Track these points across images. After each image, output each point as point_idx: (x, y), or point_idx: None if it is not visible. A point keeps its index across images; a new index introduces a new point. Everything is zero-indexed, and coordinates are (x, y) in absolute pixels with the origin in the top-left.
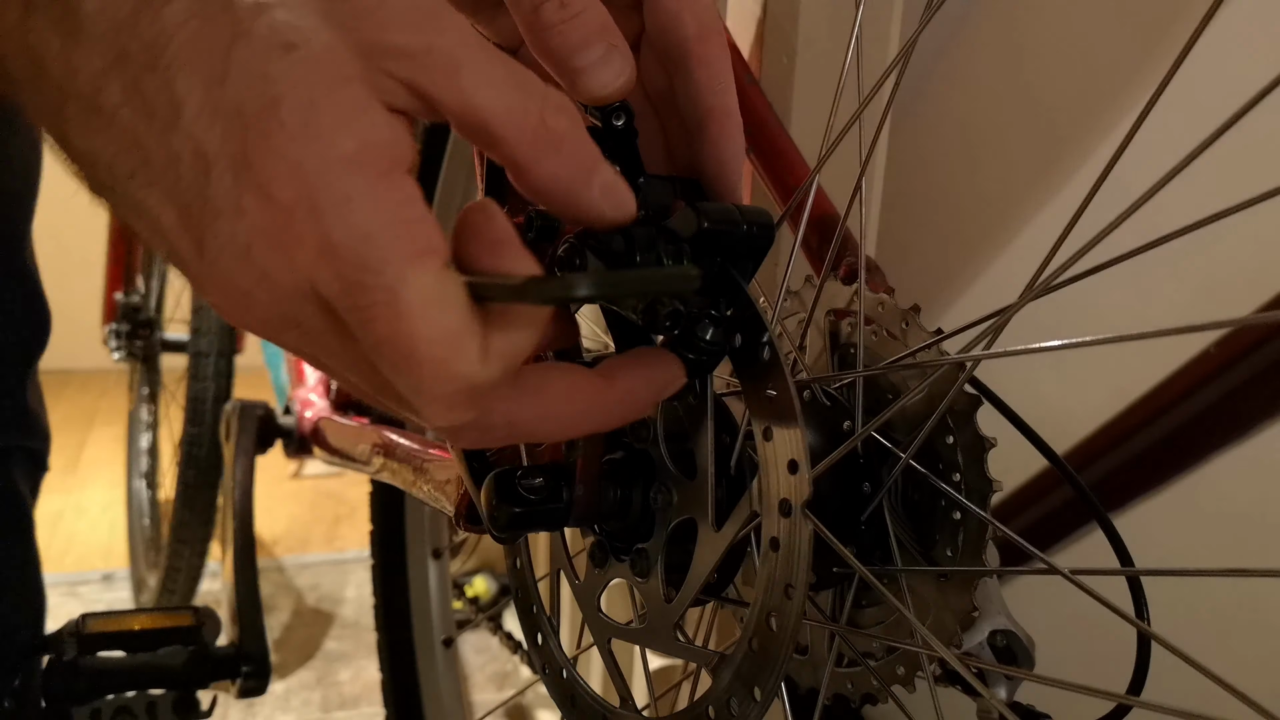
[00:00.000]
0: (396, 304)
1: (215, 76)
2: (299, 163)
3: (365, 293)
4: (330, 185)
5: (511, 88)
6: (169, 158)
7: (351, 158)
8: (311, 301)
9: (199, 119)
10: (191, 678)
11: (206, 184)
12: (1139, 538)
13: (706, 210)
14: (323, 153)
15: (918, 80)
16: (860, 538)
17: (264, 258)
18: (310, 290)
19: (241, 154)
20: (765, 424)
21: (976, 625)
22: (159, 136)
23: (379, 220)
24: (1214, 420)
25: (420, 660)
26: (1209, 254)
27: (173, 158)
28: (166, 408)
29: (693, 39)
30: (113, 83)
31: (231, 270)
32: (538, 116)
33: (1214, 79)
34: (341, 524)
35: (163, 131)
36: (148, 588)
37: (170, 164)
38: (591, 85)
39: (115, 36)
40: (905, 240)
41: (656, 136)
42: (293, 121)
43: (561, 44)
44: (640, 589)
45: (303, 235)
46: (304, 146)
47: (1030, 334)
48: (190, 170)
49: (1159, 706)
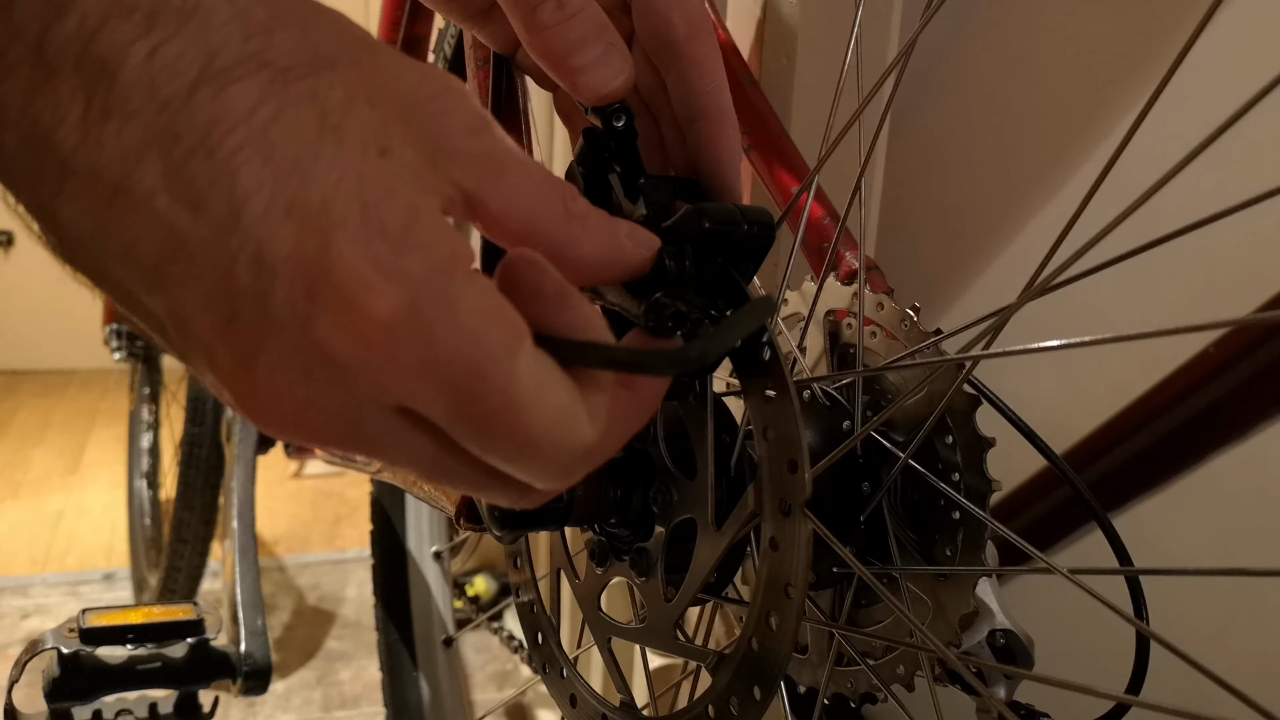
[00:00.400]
0: (512, 402)
1: (296, 172)
2: (401, 272)
3: (479, 400)
4: (437, 295)
5: (539, 180)
6: (219, 258)
7: (450, 261)
8: (391, 414)
9: (267, 218)
10: (193, 676)
11: (267, 293)
12: (1138, 538)
13: (707, 210)
14: (428, 260)
15: (918, 80)
16: (859, 537)
17: (340, 378)
18: (394, 405)
19: (320, 260)
20: (765, 424)
21: (976, 625)
22: (209, 232)
23: (480, 320)
24: (1213, 420)
25: (420, 660)
26: (1209, 254)
27: (224, 258)
28: (167, 408)
29: (683, 40)
30: (150, 164)
31: (288, 389)
32: (561, 202)
33: (1214, 79)
34: (342, 524)
35: (215, 228)
36: (149, 587)
37: (218, 265)
38: (591, 84)
39: (160, 114)
40: (905, 240)
41: (651, 138)
42: (395, 227)
43: (560, 44)
44: (640, 588)
45: (401, 354)
46: (407, 255)
47: (1030, 334)
48: (247, 275)
49: (1158, 706)
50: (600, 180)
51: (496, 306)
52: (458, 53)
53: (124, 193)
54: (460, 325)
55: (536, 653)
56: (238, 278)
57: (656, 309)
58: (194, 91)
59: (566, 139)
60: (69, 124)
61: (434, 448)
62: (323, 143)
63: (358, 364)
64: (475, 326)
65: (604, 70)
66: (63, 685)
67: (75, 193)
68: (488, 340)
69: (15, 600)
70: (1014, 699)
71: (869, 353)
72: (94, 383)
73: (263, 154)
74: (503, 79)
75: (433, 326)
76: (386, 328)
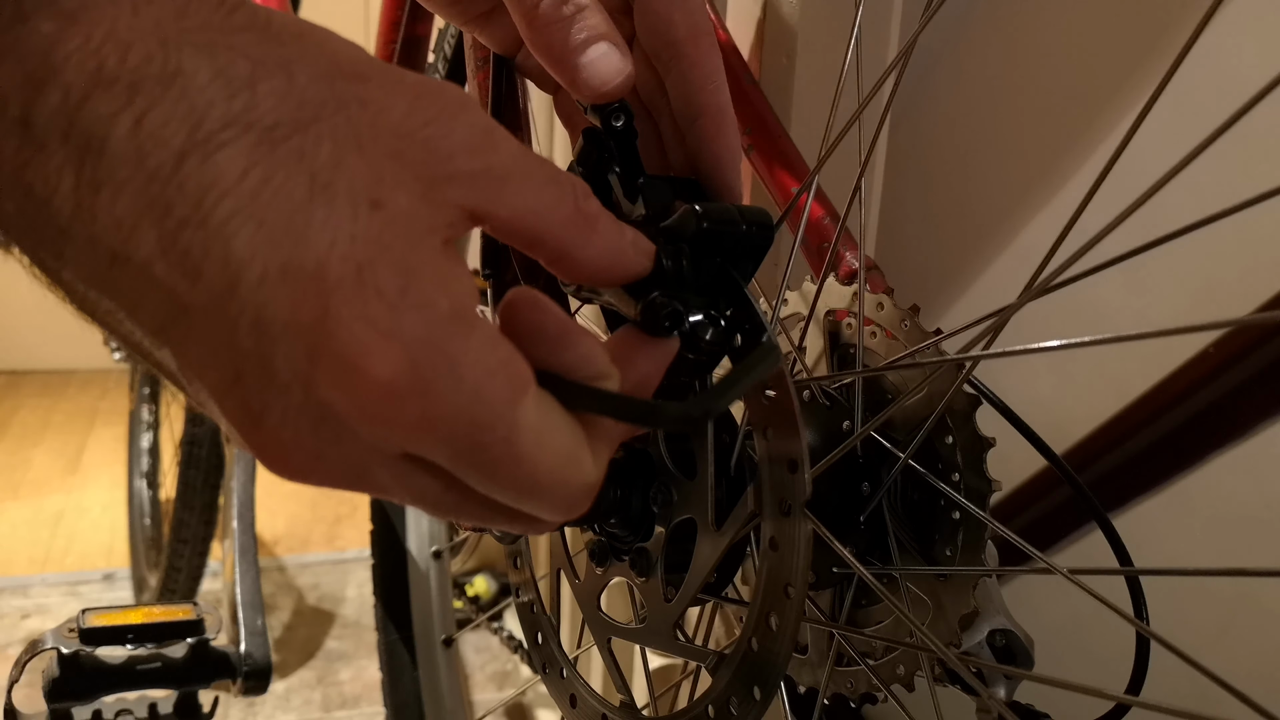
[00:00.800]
0: (515, 451)
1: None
2: (399, 333)
3: (483, 450)
4: (436, 354)
5: (546, 182)
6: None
7: (449, 317)
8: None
9: (263, 285)
10: (193, 677)
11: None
12: (1138, 538)
13: (706, 210)
14: (427, 319)
15: (918, 80)
16: (859, 538)
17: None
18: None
19: (319, 325)
20: (765, 424)
21: (976, 625)
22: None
23: (482, 374)
24: (1213, 420)
25: (420, 660)
26: (1209, 254)
27: (224, 323)
28: (167, 408)
29: (684, 40)
30: (145, 234)
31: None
32: (572, 203)
33: (1214, 79)
34: (342, 523)
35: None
36: (149, 587)
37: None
38: (592, 81)
39: (150, 184)
40: (905, 240)
41: (651, 138)
42: (390, 288)
43: (561, 41)
44: (640, 588)
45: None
46: (404, 315)
47: (1030, 334)
48: (248, 339)
49: (1158, 706)
50: (600, 180)
51: (498, 360)
52: (457, 53)
53: (122, 260)
54: (461, 382)
55: (536, 653)
56: (239, 342)
57: (652, 309)
58: (182, 161)
59: (566, 139)
60: (62, 194)
61: (441, 488)
62: (314, 204)
63: (361, 421)
64: (476, 382)
65: (604, 69)
66: (63, 685)
67: (75, 257)
68: (489, 394)
69: (15, 600)
70: (1014, 699)
71: (869, 353)
72: (94, 383)
73: (255, 220)
74: (502, 79)
75: (434, 384)
76: (387, 388)
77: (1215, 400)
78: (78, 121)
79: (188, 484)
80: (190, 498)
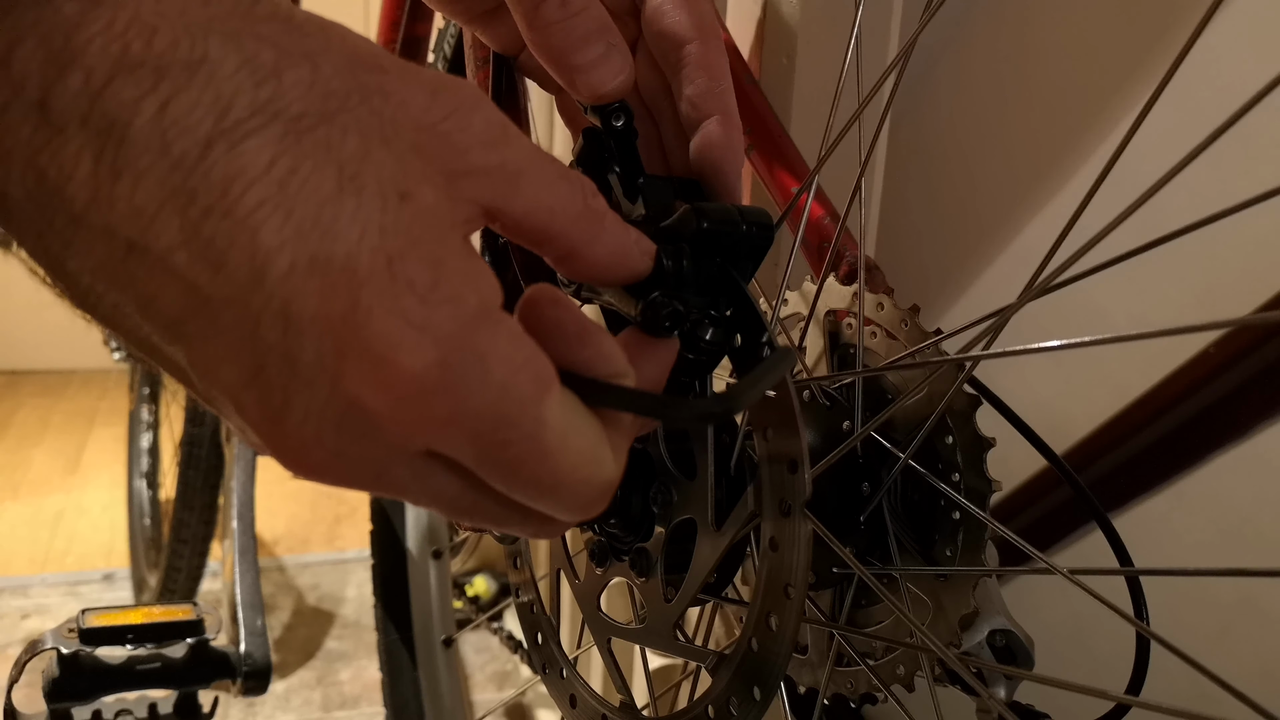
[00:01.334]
0: (540, 447)
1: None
2: (430, 327)
3: (508, 446)
4: (465, 349)
5: (557, 180)
6: (243, 315)
7: (477, 312)
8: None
9: (291, 277)
10: (193, 677)
11: (295, 350)
12: (1138, 538)
13: (706, 211)
14: (456, 314)
15: (918, 80)
16: (859, 538)
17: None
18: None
19: (348, 318)
20: (765, 424)
21: (976, 625)
22: (231, 290)
23: (509, 370)
24: (1213, 420)
25: (420, 660)
26: (1209, 254)
27: (248, 315)
28: (167, 408)
29: (691, 43)
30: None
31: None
32: (582, 200)
33: (1214, 79)
34: (342, 524)
35: (238, 286)
36: (148, 587)
37: (243, 322)
38: (592, 82)
39: (173, 172)
40: (905, 240)
41: (652, 139)
42: (422, 282)
43: (562, 41)
44: (640, 589)
45: (431, 406)
46: (435, 310)
47: (1030, 334)
48: (273, 332)
49: (1158, 706)
50: (600, 180)
51: (524, 356)
52: (458, 53)
53: (140, 250)
54: (490, 377)
55: (536, 653)
56: (263, 335)
57: (653, 308)
58: (209, 149)
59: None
60: (78, 180)
61: (459, 487)
62: (343, 196)
63: (389, 417)
64: (504, 377)
65: (604, 69)
66: (62, 685)
67: (86, 247)
68: (516, 390)
69: (15, 600)
70: (1014, 699)
71: (869, 353)
72: (94, 383)
73: (283, 211)
74: (503, 79)
75: (463, 380)
76: (418, 382)
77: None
78: (99, 106)
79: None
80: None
